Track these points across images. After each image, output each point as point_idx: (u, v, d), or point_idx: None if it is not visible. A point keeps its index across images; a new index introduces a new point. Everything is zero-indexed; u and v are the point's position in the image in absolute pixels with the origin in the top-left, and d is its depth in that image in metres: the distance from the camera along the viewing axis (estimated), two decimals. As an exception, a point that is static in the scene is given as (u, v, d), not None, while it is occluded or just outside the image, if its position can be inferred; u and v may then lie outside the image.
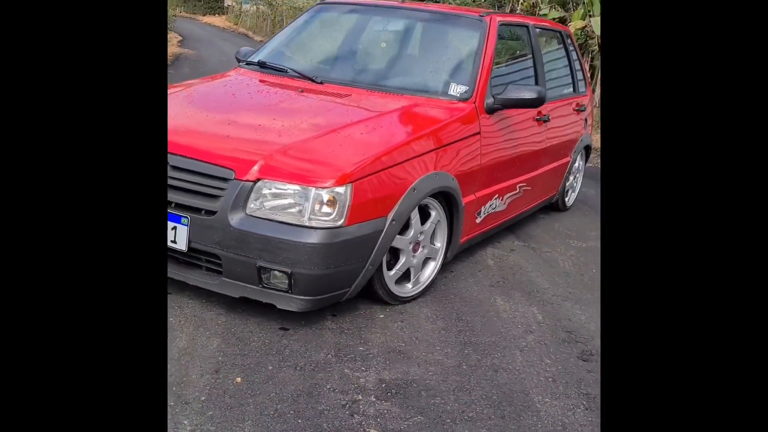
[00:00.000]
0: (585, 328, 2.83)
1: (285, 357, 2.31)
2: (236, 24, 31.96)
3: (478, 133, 3.10)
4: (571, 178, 4.74)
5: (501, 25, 3.56)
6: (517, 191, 3.67)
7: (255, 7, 29.87)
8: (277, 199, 2.37)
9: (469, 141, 3.04)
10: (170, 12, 24.75)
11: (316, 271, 2.35)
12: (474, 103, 3.13)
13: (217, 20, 35.49)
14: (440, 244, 2.97)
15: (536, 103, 3.20)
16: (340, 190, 2.35)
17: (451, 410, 2.09)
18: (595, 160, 7.21)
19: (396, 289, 2.78)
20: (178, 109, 2.94)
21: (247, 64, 3.66)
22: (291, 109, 2.93)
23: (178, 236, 2.45)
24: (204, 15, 39.59)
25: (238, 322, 2.52)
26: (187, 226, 2.43)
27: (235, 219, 2.36)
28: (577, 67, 4.68)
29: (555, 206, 4.71)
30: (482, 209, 3.29)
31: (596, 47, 9.66)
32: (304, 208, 2.34)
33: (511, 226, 4.09)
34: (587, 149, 4.95)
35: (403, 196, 2.58)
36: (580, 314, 2.97)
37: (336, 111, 2.92)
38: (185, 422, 1.88)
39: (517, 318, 2.85)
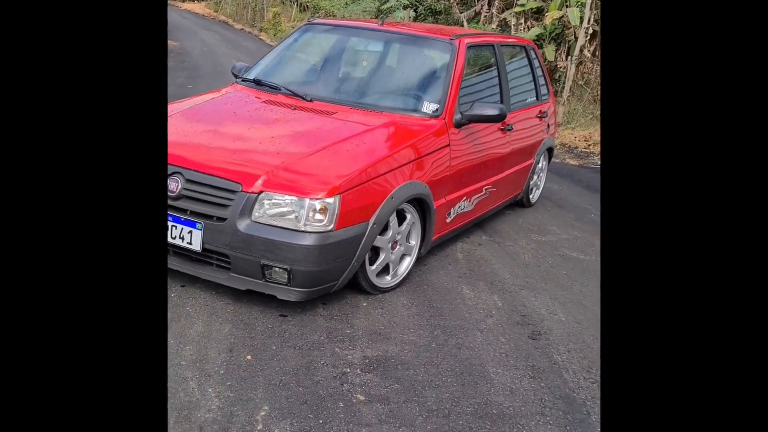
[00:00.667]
0: (537, 312, 3.34)
1: (285, 339, 2.79)
2: (216, 11, 31.98)
3: (448, 145, 3.59)
4: (535, 177, 5.25)
5: (469, 46, 4.04)
6: (483, 193, 4.17)
7: (235, -6, 29.98)
8: (278, 208, 2.84)
9: (440, 153, 3.53)
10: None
11: (311, 267, 2.83)
12: (444, 119, 3.62)
13: (196, 7, 35.35)
14: (415, 242, 3.46)
15: (498, 119, 3.69)
16: (330, 200, 2.82)
17: (421, 380, 2.59)
18: (561, 156, 7.73)
19: (377, 281, 3.27)
20: (188, 126, 3.39)
21: (242, 80, 4.11)
22: (286, 126, 3.40)
23: (194, 239, 2.92)
24: (183, 1, 39.52)
25: (244, 310, 2.99)
26: (201, 230, 2.89)
27: (242, 225, 2.83)
28: (540, 74, 5.17)
29: (521, 203, 5.22)
30: (452, 210, 3.79)
31: (573, 38, 10.08)
32: (300, 215, 2.82)
33: (479, 223, 4.59)
34: (550, 151, 5.45)
35: (383, 203, 3.06)
36: (534, 301, 3.48)
37: (326, 128, 3.39)
38: (210, 390, 2.36)
39: (480, 304, 3.35)
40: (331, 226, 2.84)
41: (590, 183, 6.49)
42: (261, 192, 2.84)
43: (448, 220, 3.78)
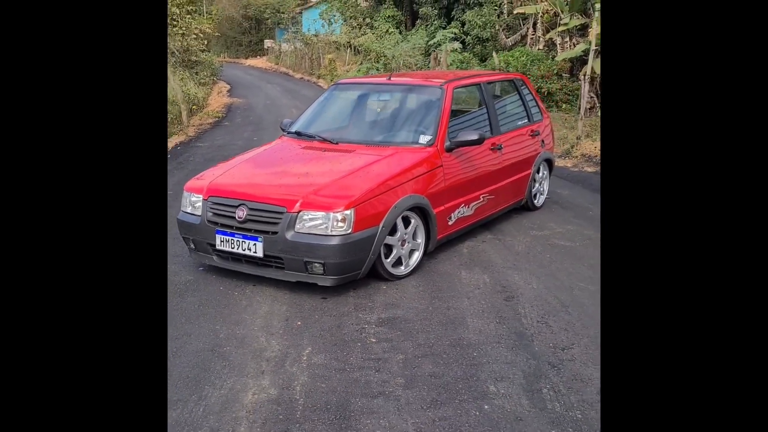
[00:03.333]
0: (516, 284, 4.43)
1: (324, 311, 4.00)
2: (277, 64, 34.28)
3: (441, 166, 4.76)
4: (537, 185, 6.32)
5: (456, 88, 5.22)
6: (482, 200, 5.29)
7: (293, 46, 32.11)
8: (312, 221, 4.07)
9: (435, 172, 4.70)
10: (216, 58, 27.07)
11: (338, 260, 4.04)
12: (436, 146, 4.80)
13: (259, 62, 37.94)
14: (420, 240, 4.63)
15: (478, 142, 4.84)
16: (347, 212, 4.04)
17: (417, 328, 3.74)
18: (580, 165, 8.71)
19: (393, 271, 4.45)
20: (249, 170, 4.71)
21: (287, 133, 5.43)
22: (318, 163, 4.67)
23: (257, 249, 4.19)
24: (247, 58, 42.28)
25: (296, 296, 4.23)
26: (262, 242, 4.16)
27: (289, 235, 4.08)
28: (530, 100, 6.28)
29: (526, 207, 6.29)
30: (452, 215, 4.93)
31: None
32: (327, 225, 4.04)
33: (487, 224, 5.71)
34: (548, 162, 6.52)
35: (388, 211, 4.25)
36: (515, 276, 4.57)
37: (346, 162, 4.63)
38: (273, 341, 3.59)
39: (472, 282, 4.47)
40: (350, 230, 4.05)
41: (598, 187, 7.47)
42: (300, 211, 4.09)
43: (449, 223, 4.93)
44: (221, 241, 4.34)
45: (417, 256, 4.63)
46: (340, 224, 4.04)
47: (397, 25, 25.52)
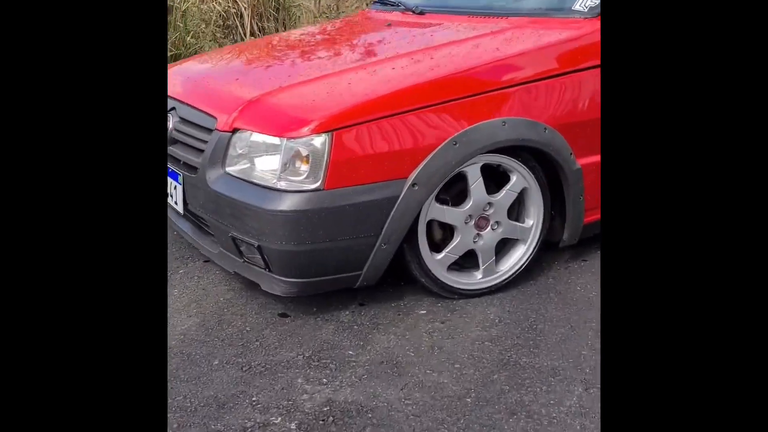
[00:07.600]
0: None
1: (249, 350, 1.85)
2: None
3: (612, 63, 2.14)
4: None
5: None
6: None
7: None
8: (252, 153, 1.89)
9: (591, 73, 2.11)
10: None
11: (287, 246, 1.81)
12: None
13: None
14: (533, 221, 2.14)
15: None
16: (318, 140, 1.77)
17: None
18: None
19: (451, 278, 2.07)
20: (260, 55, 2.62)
21: (374, 3, 3.17)
22: (342, 46, 2.40)
23: (178, 196, 2.15)
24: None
25: (242, 301, 2.12)
26: (182, 184, 2.11)
27: (212, 177, 1.95)
28: None
29: None
30: (634, 175, 2.30)
31: None
32: (277, 163, 1.82)
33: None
34: None
35: (433, 152, 1.86)
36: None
37: (391, 45, 2.29)
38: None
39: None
40: (318, 182, 1.78)
41: None
42: (234, 130, 1.92)
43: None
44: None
45: (522, 253, 2.16)
46: (302, 168, 1.80)
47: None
